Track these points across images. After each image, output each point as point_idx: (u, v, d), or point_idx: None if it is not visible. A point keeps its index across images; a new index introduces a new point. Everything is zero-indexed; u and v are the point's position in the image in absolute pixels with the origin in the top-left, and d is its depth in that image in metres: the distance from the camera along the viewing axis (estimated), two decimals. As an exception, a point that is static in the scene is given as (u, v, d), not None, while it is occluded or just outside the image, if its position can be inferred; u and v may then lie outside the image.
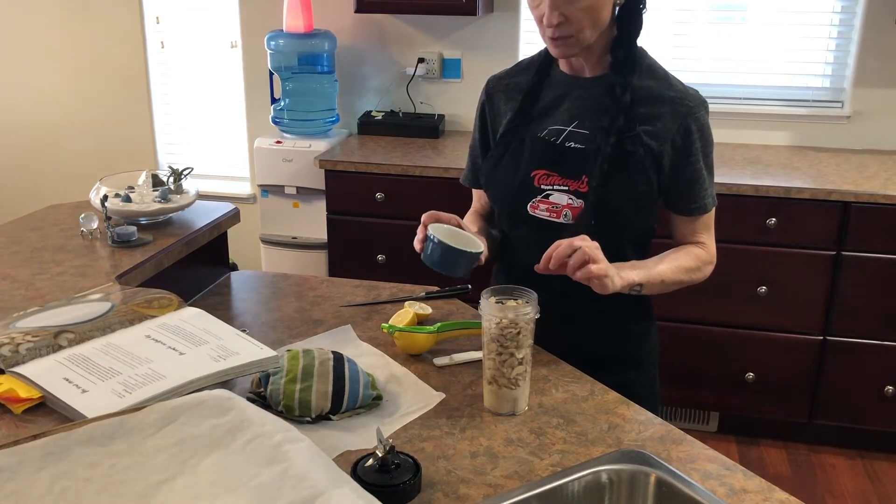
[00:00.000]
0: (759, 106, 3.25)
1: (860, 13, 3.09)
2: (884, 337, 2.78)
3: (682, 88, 1.45)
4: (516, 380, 1.26)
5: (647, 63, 1.47)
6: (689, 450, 1.20)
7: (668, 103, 1.43)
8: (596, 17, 1.37)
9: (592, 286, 1.33)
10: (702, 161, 1.46)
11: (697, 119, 1.44)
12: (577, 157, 1.45)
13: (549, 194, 1.47)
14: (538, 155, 1.48)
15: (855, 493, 2.77)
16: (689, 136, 1.43)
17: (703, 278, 1.52)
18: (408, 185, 2.98)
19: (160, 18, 3.78)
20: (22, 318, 1.36)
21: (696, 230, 1.52)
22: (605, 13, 1.38)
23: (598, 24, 1.38)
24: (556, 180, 1.46)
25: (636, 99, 1.43)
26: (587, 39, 1.39)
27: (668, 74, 1.47)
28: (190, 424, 1.00)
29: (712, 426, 3.12)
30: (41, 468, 0.94)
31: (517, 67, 1.61)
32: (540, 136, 1.49)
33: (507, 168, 1.51)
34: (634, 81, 1.43)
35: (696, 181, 1.47)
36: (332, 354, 1.33)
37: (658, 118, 1.43)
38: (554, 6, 1.36)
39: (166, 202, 1.79)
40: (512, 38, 3.37)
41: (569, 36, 1.38)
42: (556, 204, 1.46)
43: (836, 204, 2.68)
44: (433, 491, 1.09)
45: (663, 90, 1.44)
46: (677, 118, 1.43)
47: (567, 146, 1.46)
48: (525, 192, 1.49)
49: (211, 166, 3.91)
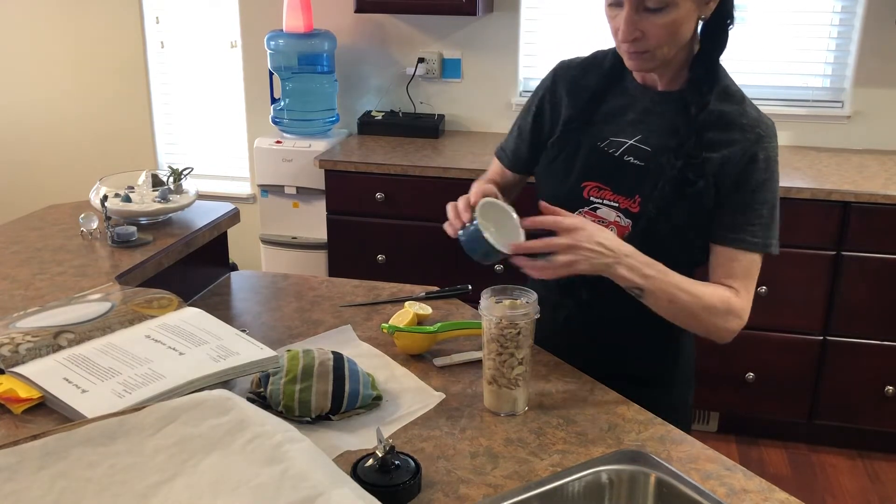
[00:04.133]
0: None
1: (860, 13, 3.09)
2: (884, 337, 2.78)
3: (756, 115, 1.33)
4: (516, 380, 1.26)
5: (723, 84, 1.35)
6: (689, 450, 1.20)
7: (738, 130, 1.31)
8: (676, 33, 1.26)
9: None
10: (759, 194, 1.31)
11: (766, 149, 1.31)
12: (635, 173, 1.35)
13: (597, 207, 1.37)
14: (593, 165, 1.39)
15: (855, 493, 2.77)
16: (752, 164, 1.30)
17: (724, 330, 1.33)
18: (408, 185, 2.98)
19: (160, 18, 3.78)
20: (22, 318, 1.36)
21: (732, 272, 1.32)
22: (686, 29, 1.27)
23: (677, 40, 1.28)
24: (608, 195, 1.36)
25: (707, 122, 1.32)
26: (666, 55, 1.29)
27: (744, 98, 1.35)
28: (190, 424, 1.00)
29: (712, 426, 3.12)
30: (41, 468, 0.94)
31: (590, 61, 1.48)
32: (599, 146, 1.39)
33: (558, 173, 1.42)
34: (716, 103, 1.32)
35: (745, 211, 1.31)
36: (332, 354, 1.33)
37: (726, 145, 1.31)
38: (630, 21, 1.25)
39: (166, 202, 1.79)
40: (512, 38, 3.36)
41: (645, 51, 1.28)
42: (603, 219, 1.36)
43: (836, 204, 2.68)
44: (433, 491, 1.09)
45: (736, 116, 1.32)
46: (745, 146, 1.30)
47: (626, 160, 1.36)
48: (572, 202, 1.38)
49: (211, 166, 3.91)
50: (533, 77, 3.42)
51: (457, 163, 2.96)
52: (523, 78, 3.43)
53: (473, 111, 3.49)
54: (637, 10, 1.24)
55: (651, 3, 1.23)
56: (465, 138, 3.37)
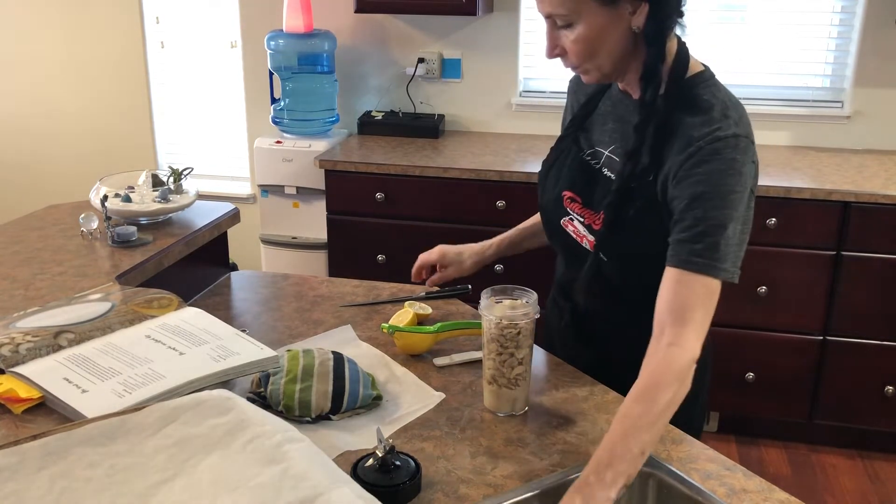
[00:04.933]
0: (759, 106, 3.25)
1: (860, 13, 3.09)
2: (884, 337, 2.78)
3: (717, 125, 1.19)
4: (516, 380, 1.26)
5: (694, 94, 1.24)
6: (689, 450, 1.20)
7: (687, 142, 1.20)
8: (593, 49, 1.22)
9: None
10: (700, 208, 1.17)
11: (719, 161, 1.17)
12: (605, 187, 1.32)
13: (573, 219, 1.38)
14: (573, 174, 1.38)
15: (855, 493, 2.77)
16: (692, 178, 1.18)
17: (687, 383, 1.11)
18: (408, 185, 2.98)
19: (160, 18, 3.78)
20: (22, 318, 1.36)
21: (672, 305, 1.15)
22: (609, 41, 1.22)
23: (599, 55, 1.23)
24: (577, 208, 1.36)
25: (661, 134, 1.24)
26: (598, 68, 1.25)
27: (712, 107, 1.21)
28: (190, 424, 1.00)
29: (712, 426, 3.12)
30: (41, 468, 0.94)
31: None
32: (582, 156, 1.39)
33: (552, 179, 1.43)
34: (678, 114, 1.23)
35: (689, 228, 1.17)
36: (332, 354, 1.33)
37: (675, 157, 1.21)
38: (549, 38, 1.25)
39: (166, 202, 1.79)
40: (512, 38, 3.36)
41: (577, 66, 1.26)
42: (577, 230, 1.37)
43: (836, 204, 2.68)
44: (433, 491, 1.09)
45: (694, 128, 1.20)
46: (693, 160, 1.18)
47: (602, 173, 1.34)
48: (558, 208, 1.40)
49: (211, 166, 3.91)
50: (533, 77, 3.42)
51: (457, 163, 2.96)
52: (523, 78, 3.43)
53: (473, 111, 3.49)
54: (553, 28, 1.24)
55: (559, 21, 1.22)
56: (465, 138, 3.37)
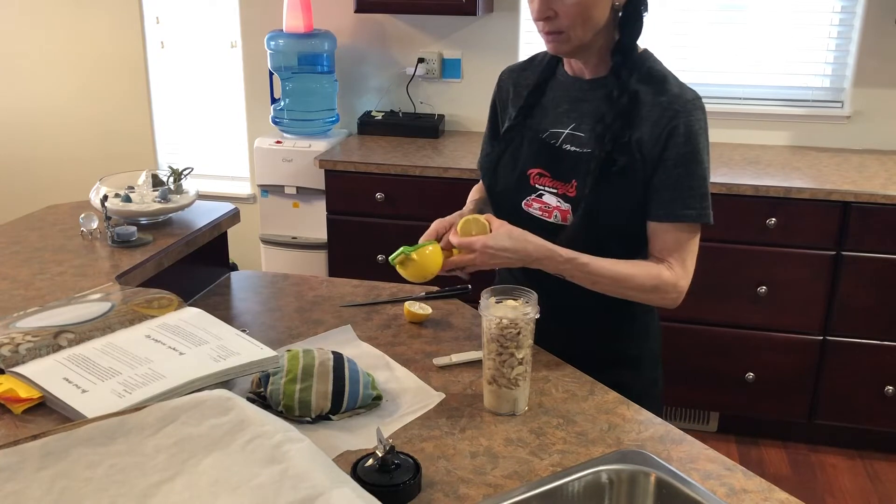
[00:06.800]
0: (759, 106, 3.25)
1: (860, 13, 3.09)
2: (884, 337, 2.78)
3: (677, 92, 1.39)
4: (516, 380, 1.26)
5: (647, 67, 1.42)
6: (689, 450, 1.20)
7: (657, 107, 1.38)
8: (587, 14, 1.35)
9: None
10: (684, 166, 1.37)
11: (686, 123, 1.36)
12: (571, 160, 1.44)
13: (542, 194, 1.47)
14: (535, 153, 1.48)
15: (855, 493, 2.77)
16: (672, 139, 1.36)
17: (662, 301, 1.42)
18: (408, 185, 2.98)
19: (160, 18, 3.78)
20: (22, 318, 1.36)
21: (666, 246, 1.41)
22: (597, 12, 1.36)
23: (589, 22, 1.36)
24: (548, 182, 1.46)
25: (627, 104, 1.40)
26: (580, 38, 1.38)
27: (666, 77, 1.41)
28: (190, 424, 1.00)
29: (712, 426, 3.12)
30: (41, 468, 0.94)
31: (529, 62, 1.61)
32: (540, 137, 1.49)
33: (507, 164, 1.52)
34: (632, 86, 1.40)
35: (672, 186, 1.38)
36: (332, 354, 1.33)
37: (646, 124, 1.38)
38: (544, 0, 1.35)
39: (166, 202, 1.79)
40: (512, 38, 3.37)
41: (559, 32, 1.37)
42: (547, 204, 1.46)
43: (836, 204, 2.68)
44: (433, 491, 1.09)
45: (656, 94, 1.39)
46: (663, 121, 1.37)
47: (564, 149, 1.46)
48: (521, 189, 1.49)
49: (211, 166, 3.91)
50: (533, 77, 3.42)
51: (457, 163, 2.96)
52: (523, 78, 3.43)
53: (473, 111, 3.49)
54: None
55: None
56: (465, 138, 3.37)
